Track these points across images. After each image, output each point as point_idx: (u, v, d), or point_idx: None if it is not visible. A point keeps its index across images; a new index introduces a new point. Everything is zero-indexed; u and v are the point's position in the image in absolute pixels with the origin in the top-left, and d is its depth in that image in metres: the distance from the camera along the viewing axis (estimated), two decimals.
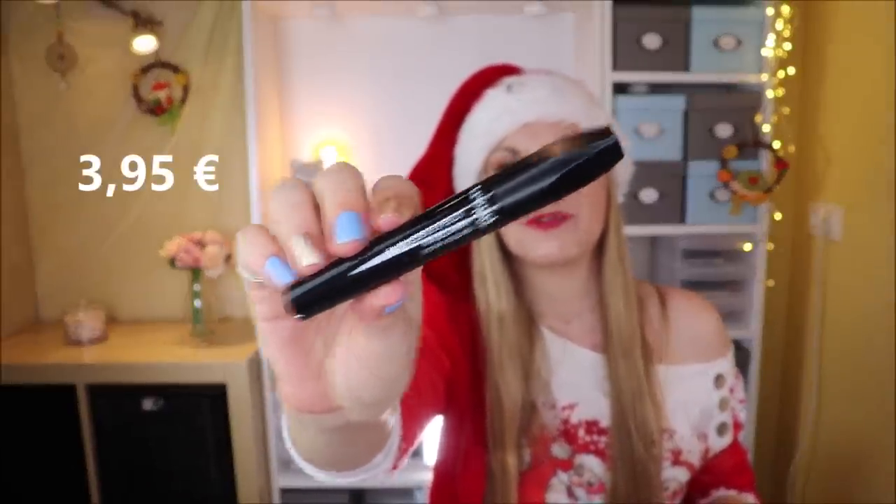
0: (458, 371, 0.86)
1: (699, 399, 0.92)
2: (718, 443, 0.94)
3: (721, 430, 0.94)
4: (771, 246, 1.91)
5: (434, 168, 0.92)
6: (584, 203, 0.84)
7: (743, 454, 0.99)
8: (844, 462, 1.83)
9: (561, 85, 0.86)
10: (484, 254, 0.88)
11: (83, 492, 1.91)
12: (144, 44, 2.07)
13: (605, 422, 0.89)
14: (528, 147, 0.83)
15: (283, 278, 0.36)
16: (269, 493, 2.00)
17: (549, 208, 0.81)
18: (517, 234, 0.86)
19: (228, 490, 1.94)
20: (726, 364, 0.94)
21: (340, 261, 0.36)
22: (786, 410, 2.13)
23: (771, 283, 1.93)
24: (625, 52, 1.84)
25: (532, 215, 0.82)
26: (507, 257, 0.90)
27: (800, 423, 2.03)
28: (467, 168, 0.89)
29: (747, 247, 1.92)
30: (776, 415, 2.17)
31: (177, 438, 1.92)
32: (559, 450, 0.88)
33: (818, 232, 1.92)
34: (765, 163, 1.88)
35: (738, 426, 0.96)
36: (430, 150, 0.93)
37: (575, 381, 0.90)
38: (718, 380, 0.93)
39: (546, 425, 0.87)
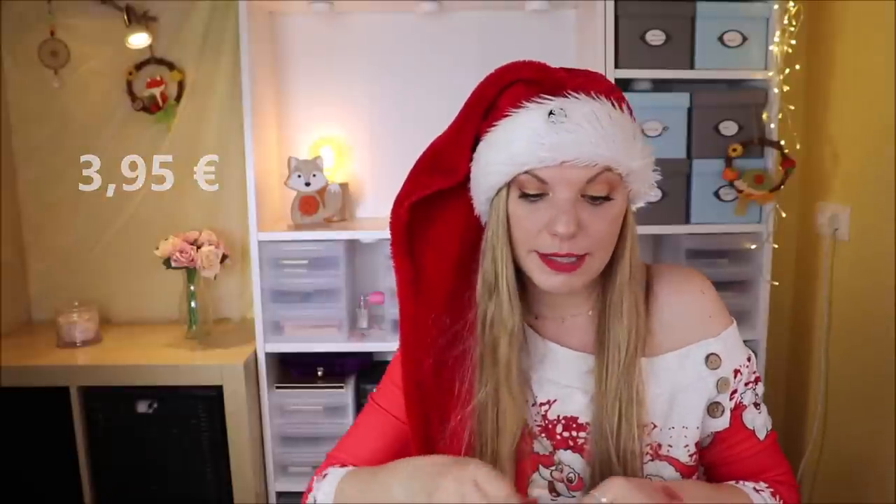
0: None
1: (684, 387, 0.89)
2: (713, 424, 0.91)
3: (713, 410, 0.90)
4: (776, 246, 1.88)
5: (455, 152, 0.88)
6: (598, 247, 0.83)
7: (762, 447, 0.94)
8: (853, 463, 1.80)
9: (604, 118, 0.80)
10: (500, 269, 0.86)
11: (77, 496, 1.88)
12: (138, 40, 2.04)
13: (583, 418, 0.89)
14: (556, 179, 0.80)
15: None
16: (266, 496, 1.98)
17: (565, 248, 0.80)
18: (530, 262, 0.84)
19: (224, 494, 1.91)
20: (717, 343, 0.90)
21: None
22: (792, 411, 2.11)
23: (776, 283, 1.90)
24: (628, 48, 1.81)
25: (549, 250, 0.81)
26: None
27: (807, 424, 2.00)
28: (488, 180, 0.84)
29: (753, 246, 1.89)
30: (782, 416, 2.15)
31: (172, 441, 1.89)
32: (540, 446, 0.90)
33: (825, 231, 1.90)
34: (770, 161, 1.85)
35: (739, 407, 0.91)
36: (452, 134, 0.89)
37: (554, 378, 0.91)
38: (710, 360, 0.89)
39: (528, 422, 0.89)
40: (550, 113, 0.80)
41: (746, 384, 0.92)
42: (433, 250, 0.90)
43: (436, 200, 0.89)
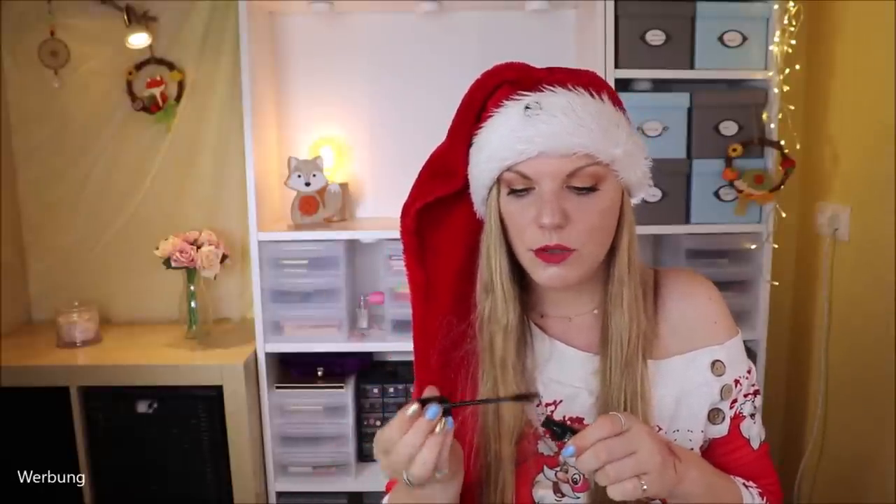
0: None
1: (689, 391, 0.90)
2: (711, 430, 0.92)
3: (714, 416, 0.92)
4: (776, 246, 1.88)
5: (452, 158, 0.91)
6: (589, 239, 0.83)
7: (755, 456, 0.95)
8: (853, 463, 1.80)
9: (579, 108, 0.81)
10: (494, 267, 0.87)
11: (77, 496, 1.88)
12: (138, 40, 2.04)
13: (588, 419, 0.89)
14: (538, 172, 0.81)
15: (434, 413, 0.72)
16: (266, 496, 1.98)
17: (554, 239, 0.81)
18: (527, 258, 0.85)
19: (224, 494, 1.91)
20: (722, 351, 0.91)
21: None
22: (792, 412, 2.11)
23: (776, 283, 1.90)
24: (628, 48, 1.81)
25: (539, 243, 0.81)
26: (516, 263, 0.89)
27: (807, 424, 2.00)
28: (479, 180, 0.87)
29: (753, 246, 1.89)
30: (782, 416, 2.15)
31: (172, 441, 1.89)
32: (545, 446, 0.90)
33: (825, 232, 1.90)
34: (770, 161, 1.85)
35: (738, 417, 0.93)
36: (448, 141, 0.91)
37: (560, 379, 0.91)
38: (715, 366, 0.90)
39: (532, 422, 0.89)
40: (527, 107, 0.81)
41: (746, 395, 0.93)
42: (441, 255, 0.92)
43: (442, 206, 0.91)
